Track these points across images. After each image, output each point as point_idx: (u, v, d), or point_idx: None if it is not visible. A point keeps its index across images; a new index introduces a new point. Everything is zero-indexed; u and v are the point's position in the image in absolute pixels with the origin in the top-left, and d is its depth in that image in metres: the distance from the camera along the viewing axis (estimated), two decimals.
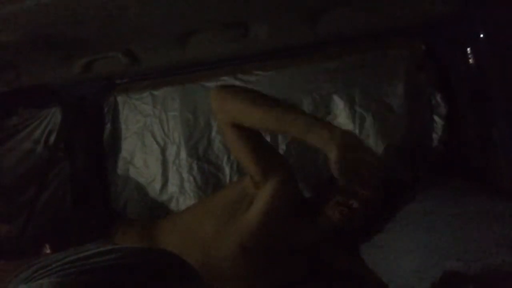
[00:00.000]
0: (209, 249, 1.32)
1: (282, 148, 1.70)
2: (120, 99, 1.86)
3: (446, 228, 1.08)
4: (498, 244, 0.92)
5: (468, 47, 1.47)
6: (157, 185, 1.80)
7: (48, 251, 1.43)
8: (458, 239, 1.00)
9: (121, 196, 1.82)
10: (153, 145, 1.82)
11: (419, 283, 0.85)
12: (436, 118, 1.63)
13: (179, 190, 1.77)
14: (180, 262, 0.60)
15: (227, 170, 1.76)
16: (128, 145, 1.84)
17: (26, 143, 1.81)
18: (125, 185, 1.82)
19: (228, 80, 1.77)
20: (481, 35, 1.40)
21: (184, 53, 1.66)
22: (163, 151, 1.81)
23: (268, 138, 1.60)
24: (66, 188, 1.82)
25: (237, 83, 1.75)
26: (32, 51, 1.52)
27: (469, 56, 1.47)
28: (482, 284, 0.72)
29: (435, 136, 1.63)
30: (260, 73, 1.75)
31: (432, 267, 0.88)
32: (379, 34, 1.65)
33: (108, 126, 1.86)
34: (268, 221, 1.30)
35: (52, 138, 1.80)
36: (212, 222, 1.35)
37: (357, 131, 1.65)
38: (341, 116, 1.67)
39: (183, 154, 1.78)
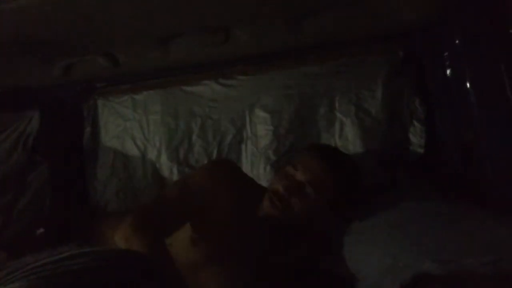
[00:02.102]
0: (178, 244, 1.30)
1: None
2: (100, 102, 1.84)
3: (423, 229, 1.10)
4: (474, 246, 0.93)
5: (445, 53, 1.50)
6: (137, 189, 1.79)
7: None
8: (434, 240, 1.01)
9: (101, 200, 1.80)
10: (134, 149, 1.81)
11: (389, 281, 0.86)
12: (415, 122, 1.65)
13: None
14: (153, 265, 0.59)
15: None
16: (108, 149, 1.83)
17: (3, 147, 1.79)
18: (105, 189, 1.81)
19: (209, 84, 1.77)
20: (457, 41, 1.43)
21: (165, 57, 1.66)
22: (143, 155, 1.80)
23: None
24: (45, 193, 1.79)
25: (219, 87, 1.76)
26: (11, 53, 1.51)
27: (446, 61, 1.50)
28: (450, 285, 0.74)
29: (414, 140, 1.66)
30: (242, 78, 1.76)
31: (405, 267, 0.89)
32: (359, 40, 1.67)
33: (88, 129, 1.84)
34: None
35: (31, 142, 1.77)
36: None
37: (337, 136, 1.67)
38: (321, 121, 1.68)
39: (164, 158, 1.77)
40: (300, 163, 1.29)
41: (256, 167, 1.71)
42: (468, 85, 1.41)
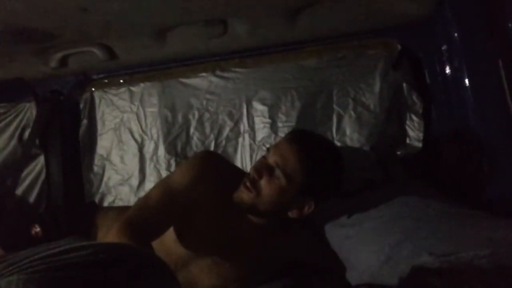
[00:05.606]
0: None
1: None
2: (96, 94, 1.83)
3: (420, 223, 1.10)
4: (471, 240, 0.94)
5: (443, 47, 1.50)
6: (135, 182, 1.78)
7: None
8: (431, 234, 1.02)
9: (97, 194, 1.80)
10: (131, 142, 1.80)
11: (387, 274, 0.87)
12: (412, 116, 1.65)
13: None
14: (152, 259, 0.59)
15: None
16: (105, 141, 1.82)
17: None
18: (101, 182, 1.80)
19: (207, 76, 1.76)
20: (455, 35, 1.43)
21: (162, 49, 1.65)
22: (140, 147, 1.79)
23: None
24: (41, 185, 1.79)
25: (216, 80, 1.75)
26: (7, 44, 1.50)
27: (444, 55, 1.50)
28: (447, 277, 0.74)
29: (412, 134, 1.66)
30: (239, 70, 1.75)
31: (403, 260, 0.89)
32: (357, 34, 1.67)
33: (84, 122, 1.83)
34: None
35: (27, 134, 1.77)
36: None
37: (334, 129, 1.66)
38: (319, 114, 1.68)
39: (161, 151, 1.77)
40: (273, 147, 1.27)
41: (253, 160, 1.71)
42: (465, 79, 1.41)
